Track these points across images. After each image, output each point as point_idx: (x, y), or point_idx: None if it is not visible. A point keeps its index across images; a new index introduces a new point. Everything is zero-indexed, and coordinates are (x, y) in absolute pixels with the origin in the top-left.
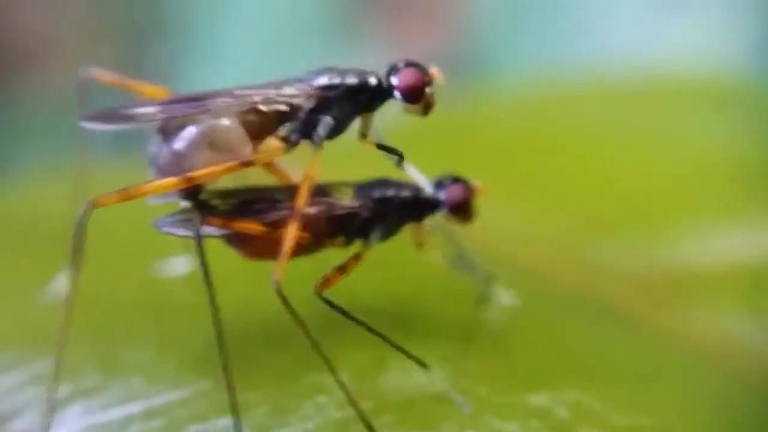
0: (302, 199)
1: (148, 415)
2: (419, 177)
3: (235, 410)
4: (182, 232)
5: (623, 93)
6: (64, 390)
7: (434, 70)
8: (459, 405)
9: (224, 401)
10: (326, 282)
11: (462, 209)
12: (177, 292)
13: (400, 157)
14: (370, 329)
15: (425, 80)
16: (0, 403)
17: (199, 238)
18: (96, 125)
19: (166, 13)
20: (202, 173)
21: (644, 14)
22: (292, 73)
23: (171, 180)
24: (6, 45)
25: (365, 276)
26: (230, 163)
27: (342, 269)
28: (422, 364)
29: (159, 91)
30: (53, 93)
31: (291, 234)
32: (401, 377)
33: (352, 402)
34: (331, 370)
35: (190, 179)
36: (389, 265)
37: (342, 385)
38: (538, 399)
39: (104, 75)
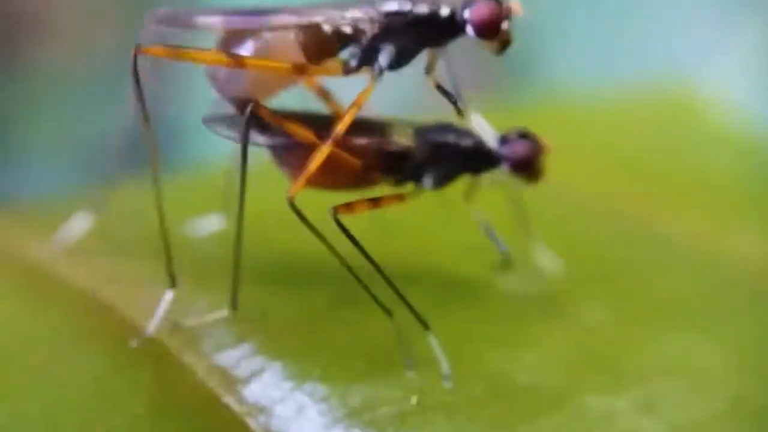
0: (345, 123)
1: None
2: (484, 129)
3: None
4: (228, 131)
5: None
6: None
7: (513, 3)
8: (443, 374)
9: None
10: (349, 207)
11: (525, 167)
12: None
13: (455, 104)
14: (380, 272)
15: (501, 14)
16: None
17: (246, 129)
18: (161, 28)
19: None
20: (254, 61)
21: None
22: None
23: (221, 56)
24: (13, 14)
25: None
26: (283, 63)
27: (375, 201)
28: (424, 324)
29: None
30: (52, 71)
31: (323, 150)
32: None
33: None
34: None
35: (241, 62)
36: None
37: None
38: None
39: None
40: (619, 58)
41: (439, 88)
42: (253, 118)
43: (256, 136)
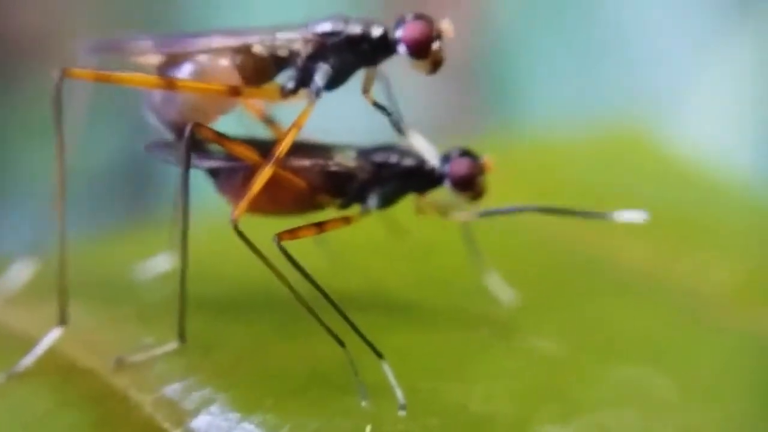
0: (285, 145)
1: None
2: (425, 147)
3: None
4: (170, 155)
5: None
6: None
7: (445, 24)
8: (398, 403)
9: None
10: (293, 232)
11: (466, 185)
12: None
13: (391, 117)
14: (329, 300)
15: (432, 34)
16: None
17: (186, 150)
18: (94, 54)
19: (180, 11)
20: (187, 83)
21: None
22: None
23: (151, 78)
24: (5, 41)
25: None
26: (217, 85)
27: (320, 225)
28: (377, 353)
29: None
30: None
31: (266, 171)
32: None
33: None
34: (313, 314)
35: (173, 84)
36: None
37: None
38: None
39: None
40: (583, 95)
41: (377, 105)
42: (193, 141)
43: (197, 160)
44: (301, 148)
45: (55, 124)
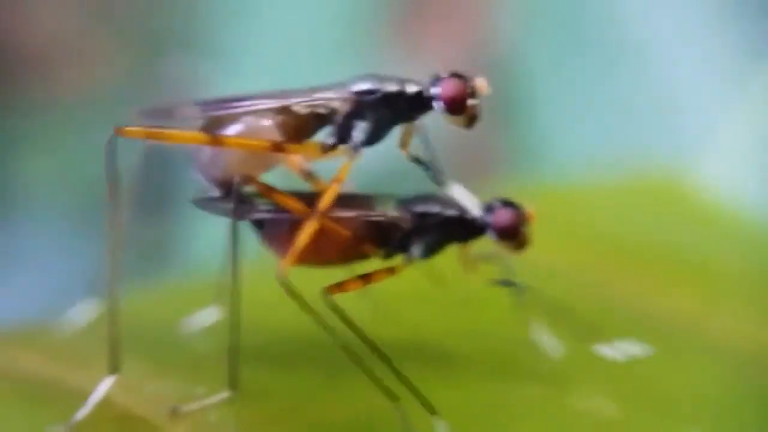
0: (329, 197)
1: None
2: (466, 198)
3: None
4: (217, 208)
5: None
6: None
7: (479, 81)
8: None
9: None
10: (341, 286)
11: (510, 235)
12: None
13: (430, 171)
14: (380, 355)
15: (467, 91)
16: None
17: (236, 201)
18: (146, 120)
19: (185, 21)
20: (233, 139)
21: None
22: (315, 80)
23: (199, 135)
24: (12, 49)
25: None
26: (261, 141)
27: (366, 277)
28: (429, 408)
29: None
30: (59, 101)
31: (311, 223)
32: None
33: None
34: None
35: (220, 140)
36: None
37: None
38: None
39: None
40: (612, 142)
41: (415, 159)
42: (241, 194)
43: (245, 212)
44: (342, 199)
45: (108, 184)
